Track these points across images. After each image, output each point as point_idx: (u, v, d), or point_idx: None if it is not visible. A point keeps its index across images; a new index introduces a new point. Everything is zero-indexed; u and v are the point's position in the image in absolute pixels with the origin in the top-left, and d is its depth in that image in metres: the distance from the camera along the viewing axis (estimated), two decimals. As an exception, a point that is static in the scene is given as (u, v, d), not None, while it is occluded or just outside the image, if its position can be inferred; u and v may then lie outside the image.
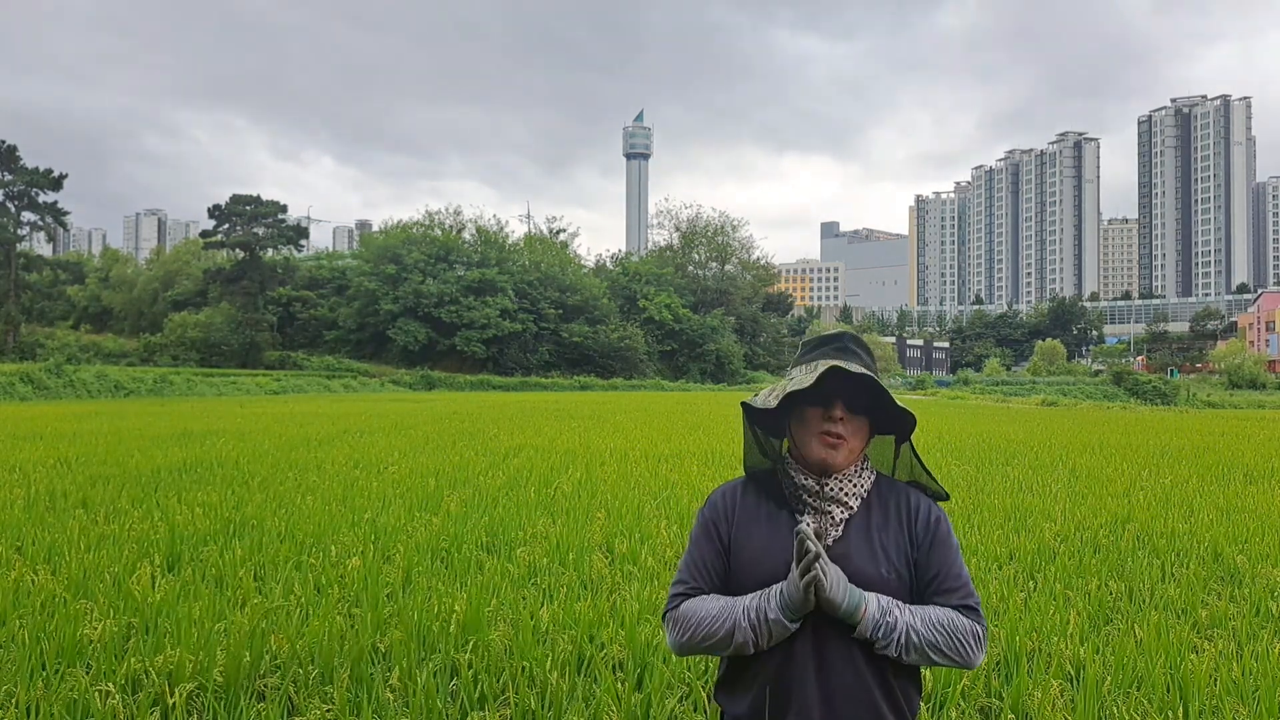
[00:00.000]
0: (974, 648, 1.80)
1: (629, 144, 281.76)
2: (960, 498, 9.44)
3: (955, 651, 1.78)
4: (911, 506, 1.91)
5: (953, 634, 1.78)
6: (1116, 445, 16.72)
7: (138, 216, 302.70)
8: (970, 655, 1.80)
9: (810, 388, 1.85)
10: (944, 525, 1.90)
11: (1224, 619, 5.08)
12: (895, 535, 1.88)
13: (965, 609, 1.82)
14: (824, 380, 1.85)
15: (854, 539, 1.87)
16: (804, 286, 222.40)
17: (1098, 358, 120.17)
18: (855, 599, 1.76)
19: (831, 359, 1.87)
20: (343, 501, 8.58)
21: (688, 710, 3.76)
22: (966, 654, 1.79)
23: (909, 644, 1.76)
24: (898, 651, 1.76)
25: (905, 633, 1.75)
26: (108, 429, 17.55)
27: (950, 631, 1.78)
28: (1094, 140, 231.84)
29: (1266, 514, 8.68)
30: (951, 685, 3.93)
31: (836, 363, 1.84)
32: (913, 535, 1.88)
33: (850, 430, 1.87)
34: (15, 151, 59.46)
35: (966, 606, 1.83)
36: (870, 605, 1.76)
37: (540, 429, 19.09)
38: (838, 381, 1.87)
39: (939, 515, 1.91)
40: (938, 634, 1.77)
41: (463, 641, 4.34)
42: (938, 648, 1.77)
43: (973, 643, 1.80)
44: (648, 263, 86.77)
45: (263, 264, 68.13)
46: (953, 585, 1.84)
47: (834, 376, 1.86)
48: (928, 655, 1.77)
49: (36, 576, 5.40)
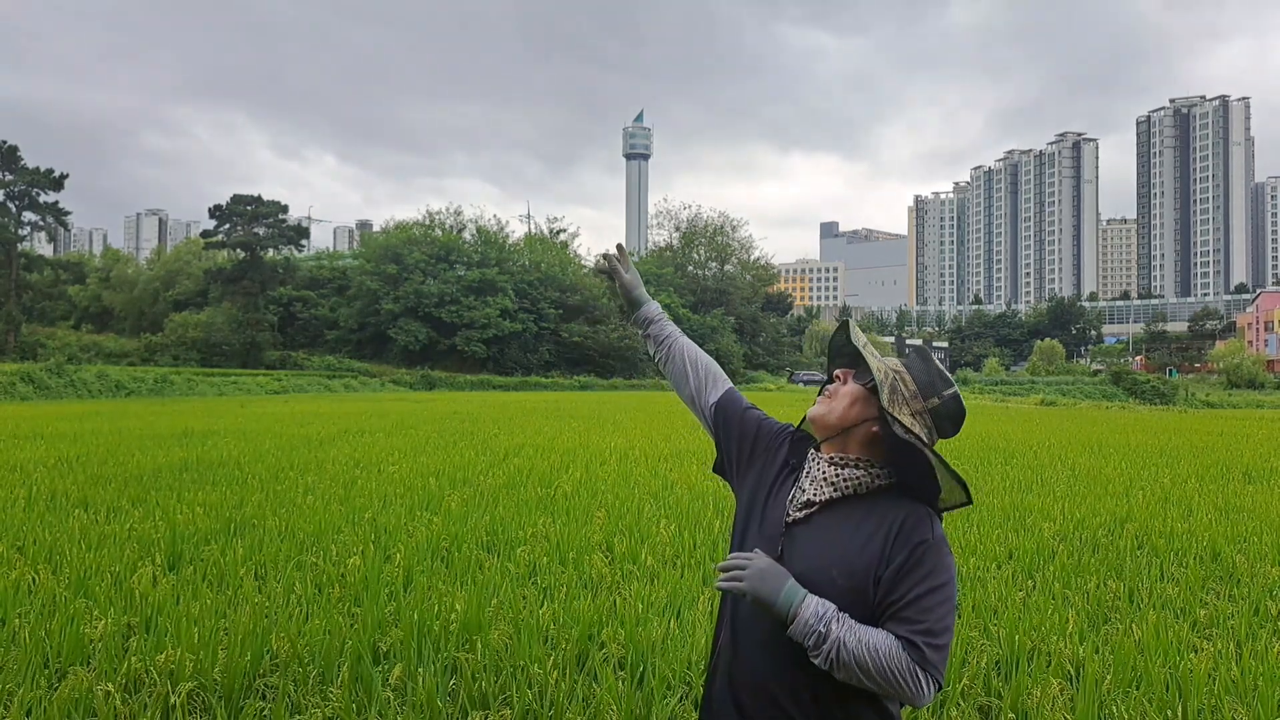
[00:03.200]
0: (911, 686, 1.65)
1: (629, 144, 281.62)
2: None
3: (887, 681, 1.65)
4: (901, 522, 1.76)
5: (886, 663, 1.64)
6: (1115, 445, 16.73)
7: (138, 216, 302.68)
8: (907, 692, 1.66)
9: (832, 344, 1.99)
10: (929, 553, 1.73)
11: (1223, 618, 5.09)
12: (869, 544, 1.76)
13: (910, 644, 1.66)
14: (837, 346, 1.99)
15: (813, 531, 1.83)
16: (803, 286, 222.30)
17: (1096, 357, 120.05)
18: (789, 598, 1.70)
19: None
20: (343, 501, 8.58)
21: (688, 709, 3.77)
22: (901, 688, 1.65)
23: (838, 660, 1.65)
24: (827, 664, 1.67)
25: (836, 647, 1.65)
26: (108, 429, 17.55)
27: (884, 660, 1.64)
28: (1093, 140, 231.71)
29: (1265, 514, 8.69)
30: (951, 685, 3.94)
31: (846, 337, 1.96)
32: (886, 550, 1.74)
33: (843, 390, 1.90)
34: (16, 152, 59.42)
35: (911, 643, 1.66)
36: (805, 610, 1.69)
37: (540, 429, 19.10)
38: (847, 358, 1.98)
39: (926, 540, 1.74)
40: (869, 658, 1.64)
41: (463, 641, 4.35)
42: (868, 672, 1.64)
43: (910, 681, 1.65)
44: (647, 263, 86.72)
45: (263, 264, 68.06)
46: (910, 616, 1.69)
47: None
48: (858, 677, 1.66)
49: (38, 576, 5.41)
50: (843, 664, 1.66)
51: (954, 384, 1.85)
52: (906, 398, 1.82)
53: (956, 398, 1.84)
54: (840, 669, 1.67)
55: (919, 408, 1.82)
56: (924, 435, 1.79)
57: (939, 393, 1.83)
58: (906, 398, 1.82)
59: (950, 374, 1.87)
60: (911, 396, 1.82)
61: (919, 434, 1.77)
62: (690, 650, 4.30)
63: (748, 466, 2.08)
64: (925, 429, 1.81)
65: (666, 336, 2.31)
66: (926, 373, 1.86)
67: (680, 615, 4.87)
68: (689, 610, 4.93)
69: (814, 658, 1.68)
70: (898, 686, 1.65)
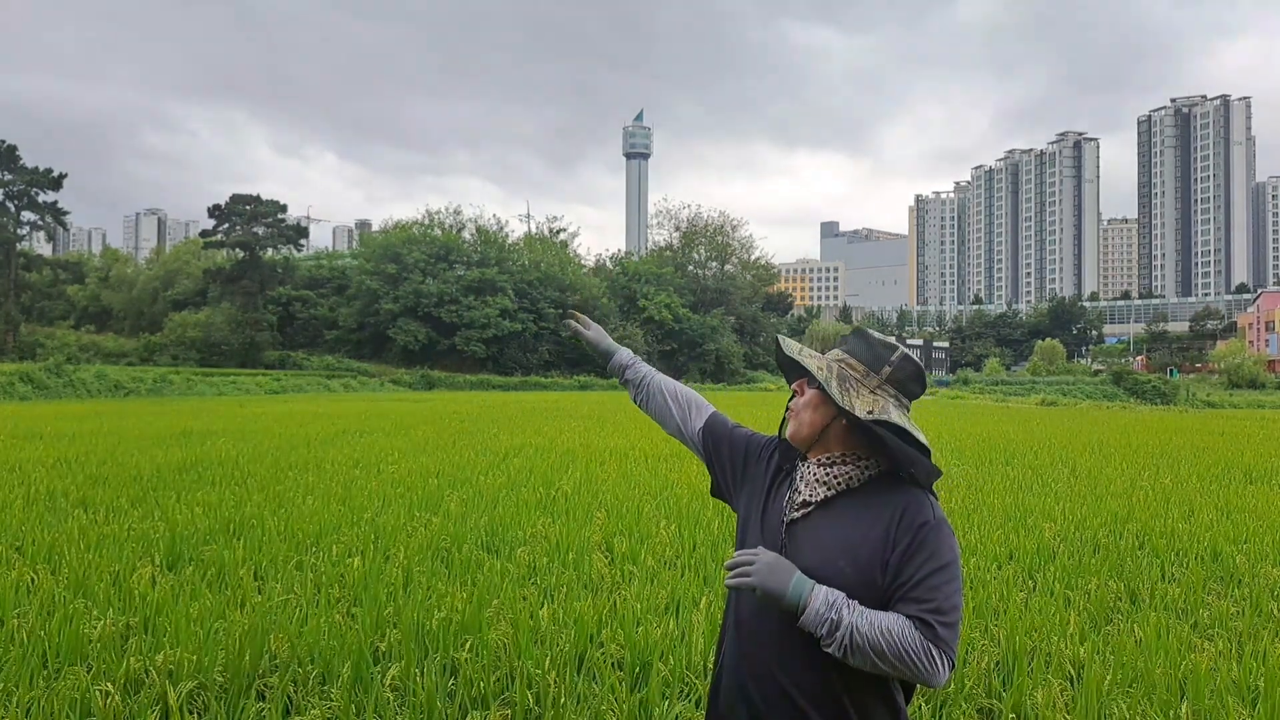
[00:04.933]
0: (926, 664, 1.66)
1: (629, 144, 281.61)
2: (960, 498, 9.44)
3: (902, 662, 1.66)
4: (900, 506, 1.78)
5: (900, 643, 1.65)
6: (1116, 445, 16.72)
7: (137, 216, 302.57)
8: (922, 671, 1.67)
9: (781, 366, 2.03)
10: (931, 534, 1.75)
11: (1224, 619, 5.08)
12: (871, 532, 1.78)
13: (921, 623, 1.68)
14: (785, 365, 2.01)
15: (814, 528, 1.84)
16: (804, 286, 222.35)
17: (1097, 357, 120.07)
18: (799, 589, 1.72)
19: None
20: (343, 501, 8.57)
21: (689, 709, 3.76)
22: (917, 668, 1.66)
23: (852, 645, 1.67)
24: (841, 651, 1.68)
25: (849, 632, 1.67)
26: (108, 429, 17.54)
27: (897, 640, 1.66)
28: (1094, 140, 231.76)
29: (1266, 514, 8.68)
30: (952, 684, 3.93)
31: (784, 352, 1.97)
32: (891, 536, 1.76)
33: (802, 403, 1.92)
34: (15, 151, 59.41)
35: (923, 621, 1.68)
36: (815, 599, 1.70)
37: (540, 429, 19.09)
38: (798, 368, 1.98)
39: (927, 522, 1.76)
40: (883, 640, 1.66)
41: (463, 641, 4.34)
42: (882, 654, 1.66)
43: (924, 659, 1.66)
44: (647, 262, 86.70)
45: (263, 263, 68.04)
46: (919, 595, 1.71)
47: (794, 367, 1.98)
48: (873, 661, 1.67)
49: (37, 576, 5.40)
50: (856, 648, 1.67)
51: (898, 347, 1.89)
52: (858, 379, 1.86)
53: (906, 357, 1.87)
54: (855, 654, 1.68)
55: (875, 383, 1.85)
56: (893, 406, 1.83)
57: (887, 360, 1.87)
58: (858, 379, 1.86)
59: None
60: (864, 375, 1.86)
61: (885, 408, 1.81)
62: (690, 650, 4.29)
63: (742, 480, 2.12)
64: (891, 399, 1.85)
65: (642, 378, 2.36)
66: (869, 349, 1.90)
67: (680, 616, 4.86)
68: (689, 611, 4.92)
69: (827, 646, 1.70)
70: (913, 666, 1.67)
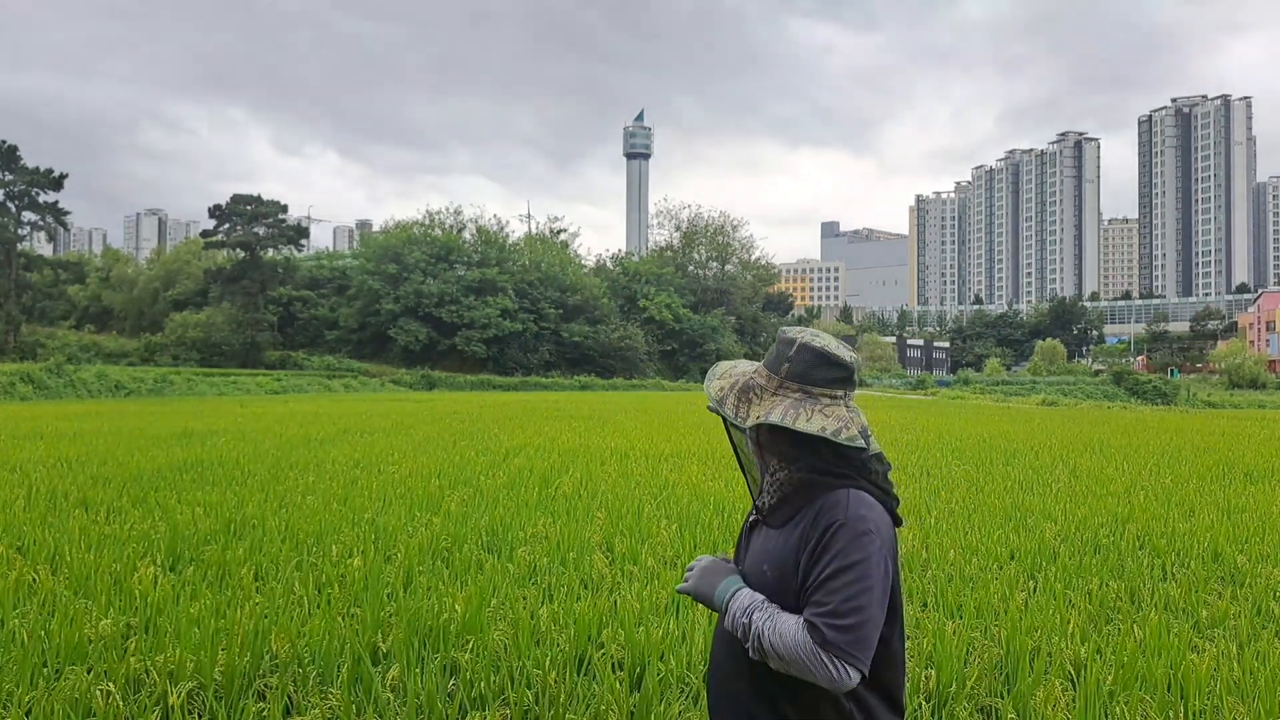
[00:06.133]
0: (819, 670, 1.64)
1: (629, 144, 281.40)
2: (960, 497, 9.44)
3: (799, 667, 1.66)
4: (819, 507, 1.78)
5: (794, 647, 1.66)
6: (1117, 445, 16.72)
7: (138, 216, 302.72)
8: (819, 677, 1.64)
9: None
10: (840, 534, 1.71)
11: (1224, 619, 5.08)
12: (792, 534, 1.81)
13: (811, 626, 1.66)
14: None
15: (759, 534, 1.93)
16: (804, 286, 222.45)
17: (1098, 357, 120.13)
18: (723, 592, 1.82)
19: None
20: (343, 501, 8.58)
21: (688, 709, 3.76)
22: (810, 673, 1.65)
23: (762, 649, 1.70)
24: (757, 655, 1.72)
25: (756, 636, 1.71)
26: (108, 429, 17.55)
27: (790, 644, 1.66)
28: (1094, 140, 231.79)
29: (1267, 514, 8.68)
30: (954, 684, 3.93)
31: (711, 404, 1.89)
32: (805, 536, 1.77)
33: (748, 448, 2.02)
34: (16, 151, 59.46)
35: (812, 624, 1.66)
36: (735, 603, 1.77)
37: (541, 429, 19.09)
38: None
39: (836, 521, 1.73)
40: (780, 643, 1.67)
41: (463, 641, 4.35)
42: (782, 658, 1.67)
43: (816, 664, 1.64)
44: (648, 262, 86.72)
45: (263, 264, 68.05)
46: (818, 598, 1.68)
47: None
48: (782, 665, 1.69)
49: (37, 576, 5.40)
50: (766, 653, 1.70)
51: (797, 340, 1.86)
52: (762, 387, 1.85)
53: (803, 347, 1.84)
54: (769, 658, 1.71)
55: (775, 385, 1.84)
56: (788, 405, 1.79)
57: (786, 356, 1.85)
58: (762, 387, 1.85)
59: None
60: (766, 379, 1.86)
61: (771, 410, 1.79)
62: (690, 650, 4.29)
63: None
64: (792, 396, 1.82)
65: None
66: (775, 351, 1.89)
67: (680, 616, 4.86)
68: (689, 611, 4.92)
69: (748, 650, 1.75)
70: (807, 671, 1.65)
